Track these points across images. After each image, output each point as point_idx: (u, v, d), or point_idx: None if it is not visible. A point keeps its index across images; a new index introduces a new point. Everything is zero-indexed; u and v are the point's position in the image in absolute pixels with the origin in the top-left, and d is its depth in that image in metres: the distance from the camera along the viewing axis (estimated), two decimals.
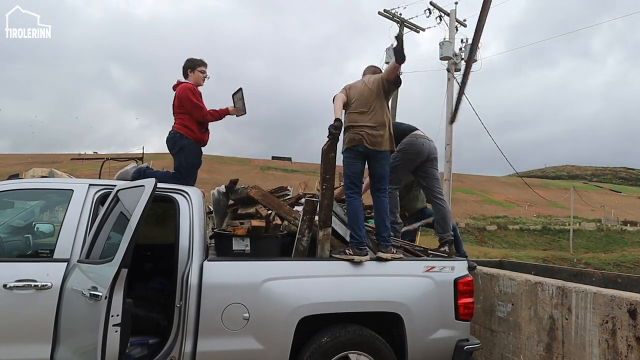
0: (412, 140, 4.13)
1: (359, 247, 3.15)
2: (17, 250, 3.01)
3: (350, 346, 2.87)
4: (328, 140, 3.26)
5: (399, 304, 2.98)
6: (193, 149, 3.79)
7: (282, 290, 2.80)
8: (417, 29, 17.51)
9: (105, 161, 5.25)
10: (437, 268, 3.16)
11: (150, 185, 2.46)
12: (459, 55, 15.12)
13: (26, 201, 3.31)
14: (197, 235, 2.91)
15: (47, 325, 2.52)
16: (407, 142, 4.14)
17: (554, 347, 3.31)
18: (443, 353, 3.08)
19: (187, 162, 3.75)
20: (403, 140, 4.16)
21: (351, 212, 3.38)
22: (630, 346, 2.79)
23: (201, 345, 2.65)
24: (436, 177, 4.26)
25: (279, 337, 2.75)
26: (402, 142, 4.15)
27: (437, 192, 4.22)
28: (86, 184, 2.98)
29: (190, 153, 3.77)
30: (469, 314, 3.17)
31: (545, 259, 21.78)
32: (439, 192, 4.22)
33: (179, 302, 2.72)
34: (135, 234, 2.31)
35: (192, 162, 3.78)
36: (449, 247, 3.98)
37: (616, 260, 24.02)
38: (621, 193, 63.41)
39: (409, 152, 4.12)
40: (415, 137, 4.13)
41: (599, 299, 3.00)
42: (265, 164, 52.83)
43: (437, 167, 4.29)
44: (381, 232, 3.37)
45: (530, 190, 26.11)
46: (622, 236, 32.48)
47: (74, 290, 2.50)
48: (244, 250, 2.98)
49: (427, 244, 4.57)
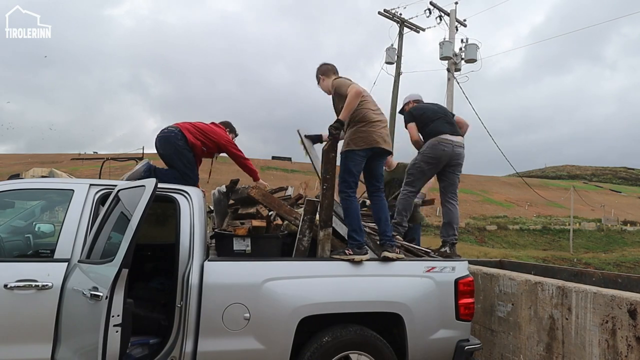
0: (434, 144, 4.06)
1: (358, 247, 3.15)
2: (18, 250, 3.01)
3: (351, 346, 2.87)
4: (328, 140, 3.26)
5: (399, 304, 2.98)
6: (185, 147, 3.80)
7: (282, 290, 2.80)
8: (417, 29, 17.52)
9: (105, 161, 5.25)
10: (438, 268, 3.16)
11: (151, 186, 2.46)
12: (459, 55, 15.12)
13: (27, 201, 3.31)
14: (197, 235, 2.91)
15: (47, 325, 2.52)
16: (429, 145, 4.09)
17: (554, 347, 3.31)
18: (444, 353, 3.08)
19: (188, 161, 3.76)
20: (427, 143, 4.13)
21: (351, 212, 3.32)
22: (630, 346, 2.79)
23: (202, 345, 2.65)
24: (454, 183, 4.21)
25: (279, 337, 2.75)
26: (425, 144, 4.14)
27: (449, 196, 4.19)
28: (87, 184, 2.98)
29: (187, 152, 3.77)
30: (469, 314, 3.17)
31: (545, 259, 21.77)
32: (451, 196, 4.19)
33: (179, 302, 2.73)
34: (136, 234, 2.31)
35: (191, 160, 3.79)
36: (449, 247, 3.98)
37: (616, 260, 24.01)
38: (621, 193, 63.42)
39: (429, 156, 4.08)
40: (438, 142, 4.04)
41: (599, 299, 3.00)
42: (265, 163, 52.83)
43: (459, 173, 4.22)
44: (386, 232, 3.36)
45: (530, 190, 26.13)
46: (622, 236, 32.46)
47: (75, 290, 2.50)
48: (245, 250, 2.98)
49: (427, 244, 4.57)
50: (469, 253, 18.52)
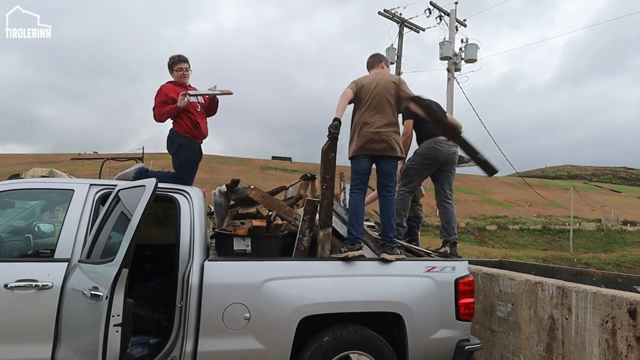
0: (430, 145, 4.12)
1: (352, 243, 3.16)
2: (18, 250, 3.01)
3: (351, 346, 2.88)
4: (328, 140, 3.26)
5: (399, 304, 2.98)
6: (190, 146, 3.76)
7: (283, 290, 2.80)
8: (417, 29, 17.51)
9: (105, 161, 5.25)
10: (438, 268, 3.16)
11: (151, 185, 2.46)
12: (459, 55, 15.13)
13: (27, 201, 3.31)
14: (197, 235, 2.91)
15: (48, 325, 2.52)
16: (426, 146, 4.14)
17: (554, 347, 3.31)
18: (444, 353, 3.08)
19: (185, 161, 3.73)
20: (422, 144, 4.18)
21: (352, 207, 3.35)
22: (630, 346, 2.79)
23: (202, 345, 2.65)
24: (450, 182, 4.25)
25: (280, 337, 2.75)
26: (421, 145, 4.18)
27: (445, 195, 4.21)
28: (87, 183, 2.98)
29: (187, 151, 3.74)
30: (469, 314, 3.17)
31: (545, 259, 21.76)
32: (448, 195, 4.22)
33: (179, 302, 2.73)
34: (136, 234, 2.31)
35: (189, 160, 3.76)
36: (450, 247, 3.98)
37: (616, 260, 23.99)
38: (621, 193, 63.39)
39: (426, 157, 4.13)
40: (435, 142, 4.11)
41: (599, 299, 3.00)
42: (265, 163, 52.83)
43: (453, 171, 4.28)
44: (387, 233, 3.36)
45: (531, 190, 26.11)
46: (622, 236, 32.44)
47: (75, 290, 2.50)
48: (245, 250, 2.98)
49: (427, 244, 4.58)
50: (469, 253, 18.51)
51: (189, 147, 3.75)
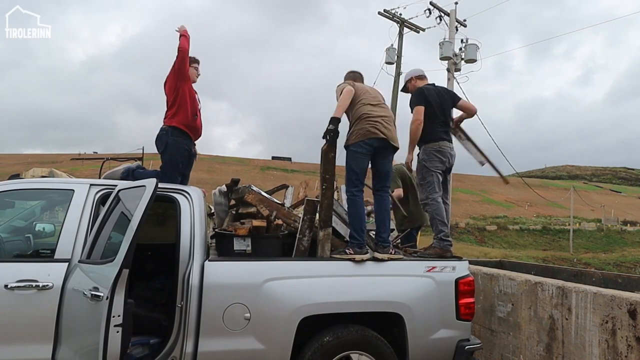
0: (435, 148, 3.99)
1: (359, 247, 3.15)
2: (18, 251, 3.01)
3: (352, 346, 2.88)
4: (327, 140, 3.25)
5: (400, 304, 2.98)
6: (177, 146, 3.71)
7: (283, 290, 2.80)
8: (417, 29, 17.51)
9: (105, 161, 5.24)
10: (438, 268, 3.16)
11: (152, 186, 2.46)
12: (459, 55, 15.12)
13: (27, 201, 3.31)
14: (198, 235, 2.91)
15: (48, 325, 2.52)
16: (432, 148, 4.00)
17: (554, 347, 3.31)
18: (444, 353, 3.08)
19: (170, 160, 3.67)
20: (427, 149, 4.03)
21: (354, 211, 3.30)
22: (630, 346, 2.79)
23: (202, 345, 2.65)
24: (447, 182, 4.16)
25: (280, 337, 2.75)
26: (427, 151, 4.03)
27: (445, 196, 4.18)
28: (87, 184, 2.98)
29: (174, 150, 3.68)
30: (470, 314, 3.17)
31: (545, 259, 21.74)
32: (445, 196, 4.18)
33: (180, 302, 2.73)
34: (137, 234, 2.31)
35: (175, 160, 3.70)
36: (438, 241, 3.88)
37: (616, 260, 23.98)
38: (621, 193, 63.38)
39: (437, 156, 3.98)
40: (439, 145, 3.99)
41: (599, 299, 3.01)
42: (265, 164, 52.84)
43: (449, 172, 4.20)
44: (381, 233, 3.35)
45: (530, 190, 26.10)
46: (622, 236, 32.42)
47: (75, 290, 2.50)
48: (245, 250, 2.98)
49: (426, 244, 4.57)
50: (469, 253, 18.50)
51: (176, 146, 3.70)
